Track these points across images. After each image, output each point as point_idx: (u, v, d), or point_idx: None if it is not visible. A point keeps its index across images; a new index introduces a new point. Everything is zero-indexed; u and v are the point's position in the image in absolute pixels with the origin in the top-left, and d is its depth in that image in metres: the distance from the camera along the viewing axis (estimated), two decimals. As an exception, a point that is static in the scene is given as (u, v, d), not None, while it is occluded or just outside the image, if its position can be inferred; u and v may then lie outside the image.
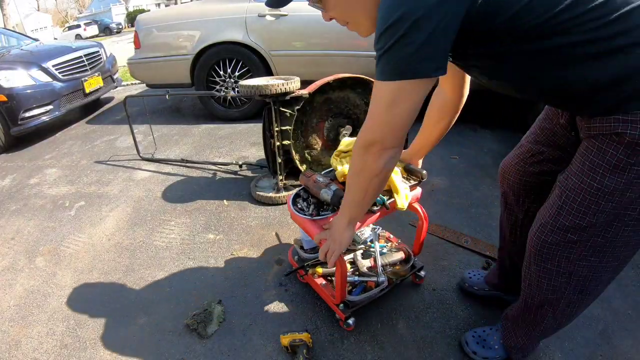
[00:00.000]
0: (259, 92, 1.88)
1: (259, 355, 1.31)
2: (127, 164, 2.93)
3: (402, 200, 1.23)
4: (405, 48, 0.72)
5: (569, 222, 0.92)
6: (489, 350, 1.23)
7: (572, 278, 0.98)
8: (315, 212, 1.27)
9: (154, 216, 2.18)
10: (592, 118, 0.84)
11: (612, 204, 0.85)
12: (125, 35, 19.14)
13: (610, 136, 0.81)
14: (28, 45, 4.47)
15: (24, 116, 3.39)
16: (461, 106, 1.21)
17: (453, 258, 1.69)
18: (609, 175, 0.83)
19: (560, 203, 0.93)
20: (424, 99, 0.82)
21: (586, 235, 0.91)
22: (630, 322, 1.35)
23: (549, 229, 0.96)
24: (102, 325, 1.49)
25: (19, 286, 1.74)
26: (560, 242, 0.95)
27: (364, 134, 0.90)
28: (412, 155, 1.39)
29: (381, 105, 0.83)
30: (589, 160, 0.87)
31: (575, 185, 0.90)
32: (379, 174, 0.93)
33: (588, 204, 0.88)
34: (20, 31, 8.76)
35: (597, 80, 0.76)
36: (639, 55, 0.71)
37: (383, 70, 0.78)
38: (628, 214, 0.86)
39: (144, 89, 4.70)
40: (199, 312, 1.47)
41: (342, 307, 1.33)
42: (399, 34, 0.71)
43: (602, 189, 0.85)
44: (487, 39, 0.78)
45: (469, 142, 2.85)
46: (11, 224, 2.26)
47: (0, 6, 14.24)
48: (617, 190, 0.84)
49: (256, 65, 3.37)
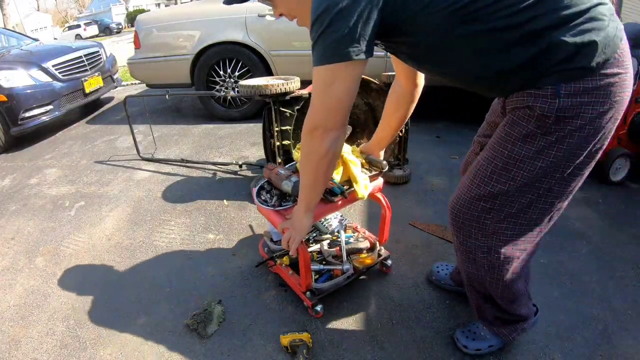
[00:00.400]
0: (259, 92, 1.88)
1: (259, 355, 1.31)
2: (127, 164, 2.93)
3: (362, 189, 1.28)
4: (332, 35, 0.81)
5: (482, 189, 0.98)
6: (481, 342, 1.24)
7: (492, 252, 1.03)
8: (277, 203, 1.32)
9: (154, 216, 2.18)
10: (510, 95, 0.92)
11: (523, 172, 0.92)
12: (125, 35, 19.14)
13: (523, 109, 0.89)
14: (28, 45, 4.46)
15: (24, 116, 3.39)
16: (417, 96, 1.27)
17: (453, 258, 1.69)
18: (520, 143, 0.91)
19: (474, 173, 1.00)
20: (358, 81, 0.90)
21: (498, 203, 0.97)
22: (630, 322, 1.35)
23: (464, 198, 1.02)
24: (102, 325, 1.48)
25: (19, 286, 1.74)
26: (474, 210, 1.00)
27: (308, 119, 0.97)
28: (373, 147, 1.44)
29: (318, 89, 0.91)
30: (503, 131, 0.94)
31: (488, 155, 0.97)
32: (325, 156, 0.99)
33: (500, 171, 0.95)
34: (20, 31, 8.76)
35: (517, 63, 0.84)
36: (551, 37, 0.80)
37: (316, 57, 0.87)
38: (540, 186, 0.93)
39: (144, 89, 4.70)
40: (199, 312, 1.47)
41: (309, 294, 1.38)
42: (326, 23, 0.80)
43: (512, 156, 0.92)
44: (407, 27, 0.86)
45: (469, 142, 2.82)
46: (11, 224, 2.26)
47: (0, 6, 14.22)
48: (528, 158, 0.91)
49: (256, 65, 3.37)
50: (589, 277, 1.55)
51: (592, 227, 1.85)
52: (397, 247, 1.77)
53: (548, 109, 0.85)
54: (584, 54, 0.80)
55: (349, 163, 1.30)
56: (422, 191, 2.25)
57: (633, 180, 2.21)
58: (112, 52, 4.93)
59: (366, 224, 1.96)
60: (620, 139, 2.17)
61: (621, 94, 0.86)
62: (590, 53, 0.80)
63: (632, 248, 1.70)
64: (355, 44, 0.82)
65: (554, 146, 0.88)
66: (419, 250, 1.75)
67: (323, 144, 0.96)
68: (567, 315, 1.39)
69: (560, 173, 0.92)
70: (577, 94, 0.83)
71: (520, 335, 1.22)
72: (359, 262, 1.49)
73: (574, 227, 1.85)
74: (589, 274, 1.57)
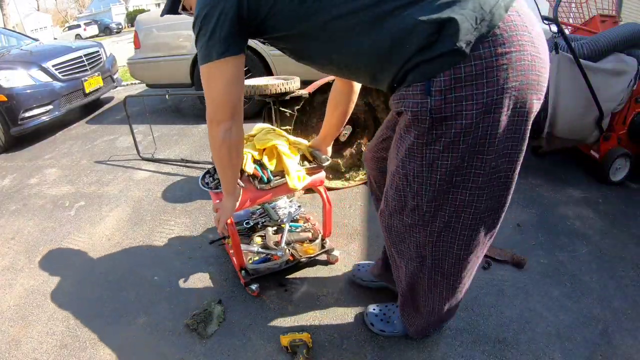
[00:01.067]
0: (259, 92, 1.88)
1: (259, 355, 1.31)
2: (127, 164, 2.93)
3: (294, 181, 1.37)
4: (202, 38, 0.89)
5: (396, 205, 0.95)
6: (389, 326, 1.29)
7: (425, 260, 1.00)
8: (214, 186, 1.48)
9: (154, 216, 2.18)
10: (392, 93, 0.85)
11: (425, 186, 0.86)
12: (125, 35, 19.14)
13: (402, 115, 0.82)
14: (28, 45, 4.46)
15: (24, 116, 3.39)
16: (353, 95, 1.28)
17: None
18: (407, 159, 0.85)
19: (387, 187, 0.98)
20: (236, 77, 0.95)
21: (418, 216, 0.92)
22: (630, 322, 1.35)
23: (387, 213, 1.00)
24: (102, 325, 1.48)
25: (19, 286, 1.74)
26: (399, 225, 0.98)
27: (206, 114, 1.03)
28: (320, 142, 1.48)
29: (204, 86, 0.97)
30: (394, 144, 0.90)
31: (391, 169, 0.94)
32: (222, 145, 1.05)
33: (404, 187, 0.90)
34: (20, 31, 8.75)
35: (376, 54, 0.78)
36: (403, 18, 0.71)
37: (198, 57, 0.94)
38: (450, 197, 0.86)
39: (144, 89, 4.70)
40: (199, 312, 1.47)
41: (244, 273, 1.51)
42: (197, 28, 0.89)
43: (406, 173, 0.87)
44: (268, 25, 0.88)
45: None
46: (11, 224, 2.26)
47: (0, 6, 14.23)
48: (421, 173, 0.84)
49: (256, 65, 3.37)
50: (589, 277, 1.55)
51: (592, 227, 1.85)
52: (397, 247, 1.77)
53: (420, 111, 0.74)
54: (446, 34, 0.67)
55: (282, 155, 1.40)
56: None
57: (633, 180, 2.21)
58: (112, 52, 4.93)
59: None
60: (620, 139, 2.17)
61: (519, 77, 0.70)
62: (453, 32, 0.67)
63: (632, 248, 1.70)
64: (218, 44, 0.88)
65: (445, 156, 0.78)
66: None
67: (218, 135, 1.03)
68: (567, 315, 1.39)
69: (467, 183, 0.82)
70: (450, 88, 0.70)
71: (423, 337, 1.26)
72: (301, 252, 1.60)
73: (574, 227, 1.85)
74: (589, 274, 1.57)
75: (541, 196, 2.11)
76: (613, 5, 2.62)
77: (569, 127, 2.05)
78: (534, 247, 1.73)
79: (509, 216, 1.96)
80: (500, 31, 0.68)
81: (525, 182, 2.26)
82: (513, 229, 1.86)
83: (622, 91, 2.01)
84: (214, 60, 0.90)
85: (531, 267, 1.61)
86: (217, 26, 0.86)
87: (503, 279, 1.56)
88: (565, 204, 2.03)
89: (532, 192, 2.15)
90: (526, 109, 0.75)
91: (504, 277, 1.57)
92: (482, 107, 0.71)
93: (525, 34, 0.71)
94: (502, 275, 1.58)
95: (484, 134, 0.74)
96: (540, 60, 0.74)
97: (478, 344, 1.29)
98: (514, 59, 0.70)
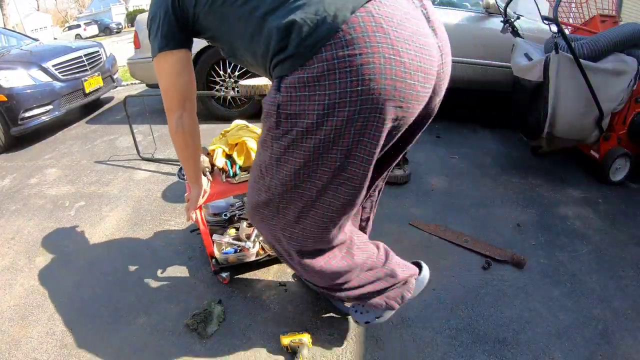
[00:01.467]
0: (259, 92, 1.88)
1: (259, 355, 1.31)
2: (127, 164, 2.93)
3: None
4: (151, 36, 1.00)
5: (254, 199, 0.99)
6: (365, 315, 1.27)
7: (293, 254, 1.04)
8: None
9: (154, 216, 2.18)
10: None
11: (273, 180, 0.89)
12: (125, 35, 19.13)
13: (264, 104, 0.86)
14: (28, 45, 4.46)
15: (24, 116, 3.38)
16: None
17: (453, 258, 1.69)
18: (261, 150, 0.90)
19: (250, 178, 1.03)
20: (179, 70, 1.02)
21: (274, 209, 0.95)
22: (630, 322, 1.35)
23: (249, 207, 1.04)
24: (102, 325, 1.48)
25: (19, 286, 1.74)
26: (260, 219, 1.02)
27: None
28: None
29: (158, 79, 1.05)
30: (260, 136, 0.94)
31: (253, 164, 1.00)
32: (177, 132, 1.10)
33: (257, 179, 0.95)
34: (20, 31, 8.75)
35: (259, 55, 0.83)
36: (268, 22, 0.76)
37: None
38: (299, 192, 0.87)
39: (144, 89, 4.70)
40: (199, 312, 1.47)
41: (214, 261, 1.57)
42: (148, 28, 1.00)
43: (259, 163, 0.92)
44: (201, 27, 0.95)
45: (469, 142, 2.85)
46: (11, 224, 2.26)
47: (0, 6, 14.23)
48: (270, 166, 0.87)
49: (256, 65, 3.36)
50: (589, 277, 1.55)
51: (592, 227, 1.85)
52: (397, 247, 1.76)
53: (270, 106, 0.78)
54: (291, 38, 0.70)
55: (250, 151, 1.46)
56: (422, 191, 2.25)
57: (633, 180, 2.21)
58: (112, 52, 4.93)
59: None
60: (620, 139, 2.17)
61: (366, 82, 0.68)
62: (295, 36, 0.70)
63: (632, 248, 1.70)
64: (159, 40, 0.97)
65: (291, 152, 0.80)
66: (419, 251, 1.75)
67: (172, 122, 1.08)
68: (567, 315, 1.39)
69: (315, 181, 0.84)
70: (296, 87, 0.73)
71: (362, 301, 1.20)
72: None
73: (574, 227, 1.85)
74: (589, 274, 1.57)
75: (541, 196, 2.11)
76: (613, 5, 2.62)
77: (569, 127, 2.05)
78: (534, 247, 1.73)
79: (509, 216, 1.96)
80: (343, 34, 0.67)
81: (525, 182, 2.26)
82: (513, 229, 1.86)
83: (622, 91, 2.01)
84: (157, 54, 0.99)
85: (531, 267, 1.61)
86: (160, 24, 0.96)
87: (503, 279, 1.56)
88: (565, 204, 2.03)
89: (532, 192, 2.15)
90: (379, 115, 0.73)
91: (504, 277, 1.57)
92: (324, 108, 0.72)
93: (379, 35, 0.68)
94: (502, 275, 1.58)
95: (328, 135, 0.75)
96: (401, 64, 0.70)
97: (478, 344, 1.29)
98: (358, 62, 0.68)
